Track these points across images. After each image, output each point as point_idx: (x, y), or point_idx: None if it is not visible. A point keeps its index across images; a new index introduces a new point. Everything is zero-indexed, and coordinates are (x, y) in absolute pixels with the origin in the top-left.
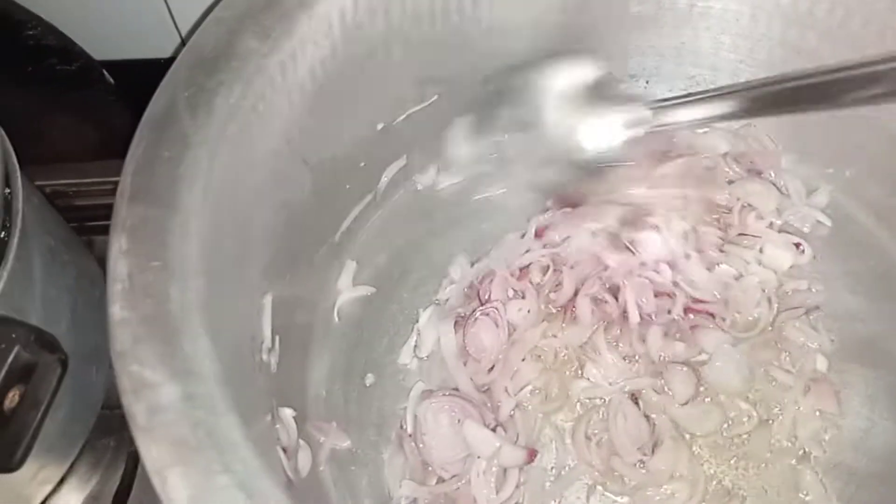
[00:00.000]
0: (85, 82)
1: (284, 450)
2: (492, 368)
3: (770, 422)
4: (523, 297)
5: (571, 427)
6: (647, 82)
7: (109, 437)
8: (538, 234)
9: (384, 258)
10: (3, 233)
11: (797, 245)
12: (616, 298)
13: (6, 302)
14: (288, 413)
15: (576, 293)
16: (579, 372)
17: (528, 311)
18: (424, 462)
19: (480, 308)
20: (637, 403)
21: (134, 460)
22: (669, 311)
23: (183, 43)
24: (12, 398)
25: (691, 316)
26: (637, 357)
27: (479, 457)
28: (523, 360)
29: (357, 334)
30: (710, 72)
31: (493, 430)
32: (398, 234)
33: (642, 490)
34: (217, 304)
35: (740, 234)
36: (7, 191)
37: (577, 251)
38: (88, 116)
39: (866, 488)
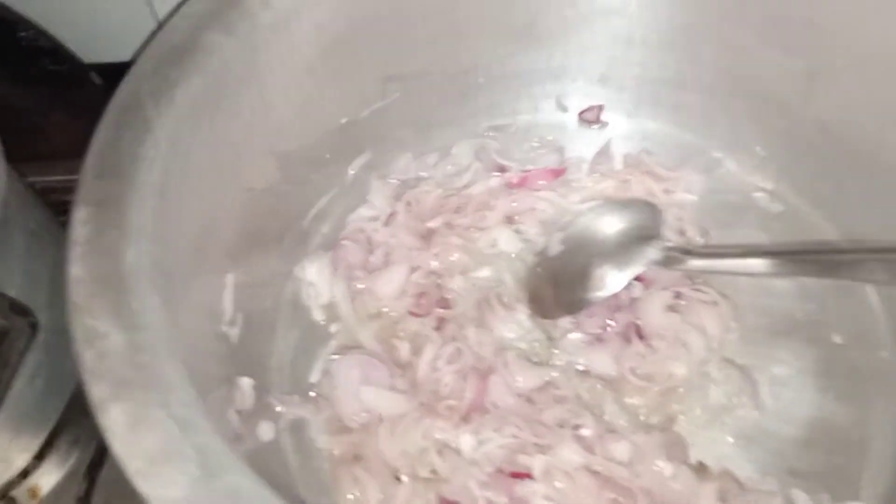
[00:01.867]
0: (75, 82)
1: (239, 412)
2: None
3: None
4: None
5: None
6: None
7: (88, 416)
8: None
9: None
10: None
11: None
12: None
13: None
14: (246, 382)
15: None
16: None
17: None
18: (337, 415)
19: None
20: None
21: None
22: None
23: None
24: None
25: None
26: None
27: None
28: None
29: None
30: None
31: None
32: None
33: None
34: (174, 273)
35: None
36: None
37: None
38: (79, 115)
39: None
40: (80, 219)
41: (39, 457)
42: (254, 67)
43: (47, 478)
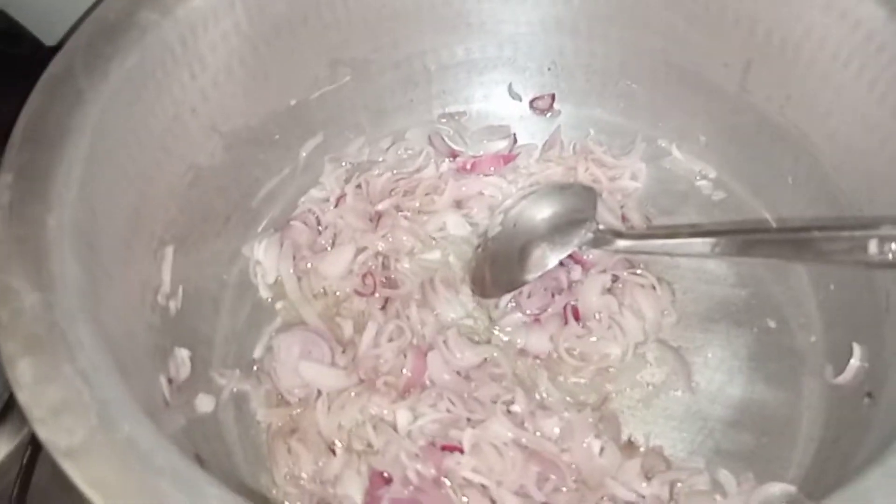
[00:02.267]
0: (35, 66)
1: (170, 381)
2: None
3: None
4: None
5: None
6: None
7: None
8: None
9: None
10: None
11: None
12: None
13: None
14: (183, 353)
15: None
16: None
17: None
18: (276, 389)
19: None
20: None
21: None
22: None
23: None
24: None
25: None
26: None
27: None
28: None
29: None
30: None
31: (343, 352)
32: None
33: None
34: (102, 241)
35: None
36: None
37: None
38: None
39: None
40: (3, 184)
41: None
42: (192, 46)
43: None
